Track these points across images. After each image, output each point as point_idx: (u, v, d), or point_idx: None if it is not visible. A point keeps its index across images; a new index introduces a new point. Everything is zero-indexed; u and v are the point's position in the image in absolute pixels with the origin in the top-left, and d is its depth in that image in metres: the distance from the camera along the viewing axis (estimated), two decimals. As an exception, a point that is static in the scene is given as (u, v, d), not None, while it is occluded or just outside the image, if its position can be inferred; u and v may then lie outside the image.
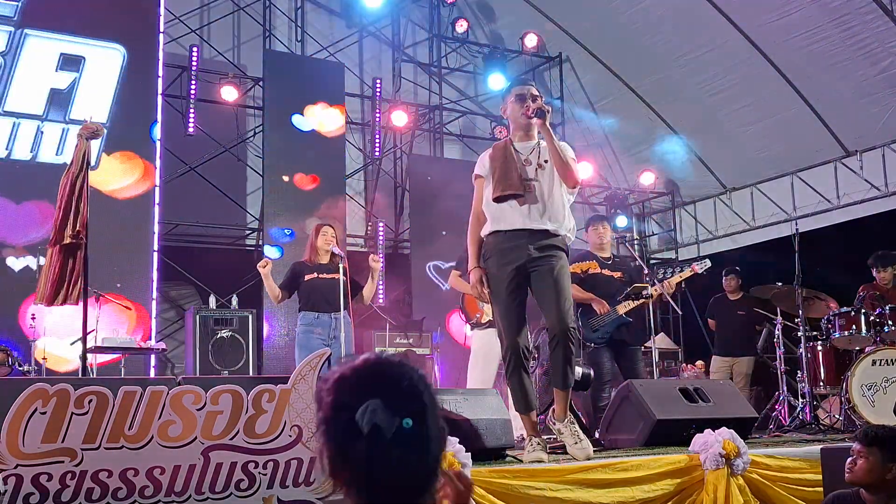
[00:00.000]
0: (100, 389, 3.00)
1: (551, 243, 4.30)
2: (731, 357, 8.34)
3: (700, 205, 12.39)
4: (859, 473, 3.15)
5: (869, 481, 3.13)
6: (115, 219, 8.00)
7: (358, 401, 1.39)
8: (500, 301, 4.29)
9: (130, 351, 7.36)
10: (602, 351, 6.04)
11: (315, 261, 6.32)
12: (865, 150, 10.18)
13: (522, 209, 4.29)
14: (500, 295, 4.29)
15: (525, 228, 4.27)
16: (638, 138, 11.98)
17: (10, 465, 2.84)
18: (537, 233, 4.28)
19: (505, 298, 4.27)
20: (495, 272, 4.31)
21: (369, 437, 1.37)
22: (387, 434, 1.37)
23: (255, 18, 10.34)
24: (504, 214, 4.31)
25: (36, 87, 8.13)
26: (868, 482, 3.14)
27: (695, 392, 4.95)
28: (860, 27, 9.15)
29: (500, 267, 4.29)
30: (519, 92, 4.48)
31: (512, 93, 4.53)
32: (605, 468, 3.81)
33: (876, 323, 6.22)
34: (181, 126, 9.36)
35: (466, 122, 12.11)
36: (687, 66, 10.59)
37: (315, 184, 9.62)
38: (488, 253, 4.37)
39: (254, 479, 3.13)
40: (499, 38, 11.95)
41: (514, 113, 4.48)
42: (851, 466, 3.18)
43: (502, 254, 4.29)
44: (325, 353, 3.44)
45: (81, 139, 5.12)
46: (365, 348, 9.29)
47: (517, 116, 4.45)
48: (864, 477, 3.14)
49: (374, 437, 1.37)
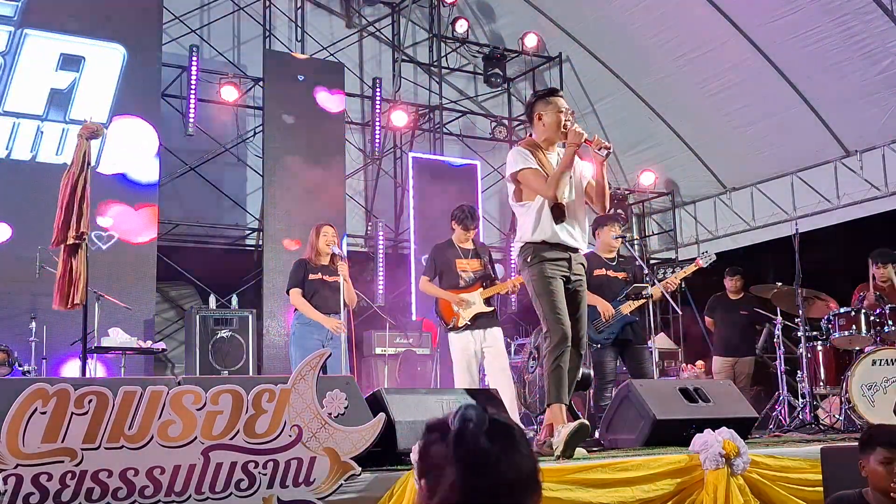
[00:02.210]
0: (100, 389, 3.00)
1: (582, 263, 4.58)
2: (733, 357, 8.34)
3: (700, 205, 12.39)
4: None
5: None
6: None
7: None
8: (552, 294, 4.39)
9: (130, 351, 7.36)
10: (606, 351, 6.05)
11: (317, 262, 6.24)
12: (865, 150, 10.17)
13: (563, 225, 4.45)
14: (552, 290, 4.39)
15: (566, 245, 4.46)
16: (638, 138, 11.98)
17: (10, 465, 2.84)
18: (574, 250, 4.51)
19: (556, 293, 4.39)
20: (545, 273, 4.41)
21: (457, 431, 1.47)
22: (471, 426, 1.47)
23: (255, 18, 10.34)
24: (547, 225, 4.42)
25: (36, 86, 8.13)
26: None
27: (695, 392, 4.95)
28: (860, 27, 9.14)
29: (549, 270, 4.42)
30: (561, 107, 4.50)
31: (552, 102, 4.53)
32: (604, 468, 3.81)
33: (876, 323, 6.22)
34: (181, 126, 9.37)
35: (466, 122, 12.11)
36: (687, 66, 10.59)
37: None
38: (536, 257, 4.45)
39: (254, 479, 3.13)
40: (499, 38, 11.96)
41: (551, 126, 4.50)
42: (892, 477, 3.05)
43: (552, 263, 4.43)
44: (326, 353, 3.44)
45: (81, 139, 5.13)
46: (365, 348, 9.29)
47: (553, 131, 4.50)
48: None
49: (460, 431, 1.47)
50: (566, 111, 4.51)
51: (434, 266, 6.15)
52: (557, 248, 4.45)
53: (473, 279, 6.07)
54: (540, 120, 4.54)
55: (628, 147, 12.15)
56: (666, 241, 12.90)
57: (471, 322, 5.97)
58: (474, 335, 6.00)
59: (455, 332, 6.01)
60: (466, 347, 5.98)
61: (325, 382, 3.37)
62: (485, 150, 11.96)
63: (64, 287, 5.04)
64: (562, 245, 4.45)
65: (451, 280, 6.07)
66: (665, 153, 12.02)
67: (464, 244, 6.19)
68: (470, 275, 6.08)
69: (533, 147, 4.54)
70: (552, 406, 4.36)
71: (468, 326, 5.98)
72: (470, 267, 6.11)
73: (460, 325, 5.97)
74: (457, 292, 6.03)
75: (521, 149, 4.54)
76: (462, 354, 5.99)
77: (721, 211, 12.08)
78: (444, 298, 6.05)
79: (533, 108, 4.59)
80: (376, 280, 10.18)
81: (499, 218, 12.11)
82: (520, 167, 4.45)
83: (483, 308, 6.02)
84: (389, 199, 11.43)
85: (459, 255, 6.12)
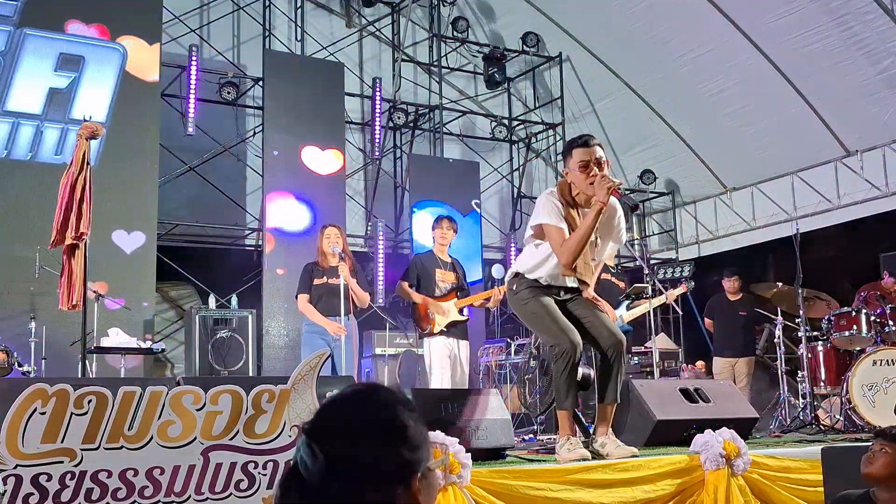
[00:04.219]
0: (99, 390, 2.99)
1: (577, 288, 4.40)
2: (733, 357, 8.34)
3: (700, 205, 12.39)
4: (879, 467, 3.13)
5: (888, 476, 3.12)
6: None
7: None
8: (546, 308, 4.21)
9: (130, 351, 7.35)
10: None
11: (324, 265, 6.44)
12: (866, 150, 10.17)
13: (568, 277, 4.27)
14: (545, 304, 4.21)
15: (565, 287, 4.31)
16: (638, 138, 11.98)
17: (10, 466, 2.84)
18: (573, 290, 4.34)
19: (549, 307, 4.22)
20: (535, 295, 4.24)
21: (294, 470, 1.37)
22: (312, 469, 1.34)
23: (255, 18, 10.34)
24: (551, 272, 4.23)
25: (35, 86, 8.11)
26: (887, 477, 3.13)
27: (695, 392, 4.96)
28: (860, 27, 9.15)
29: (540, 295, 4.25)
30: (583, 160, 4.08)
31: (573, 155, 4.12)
32: (605, 468, 3.81)
33: (876, 323, 6.21)
34: (181, 126, 9.36)
35: (466, 122, 12.11)
36: (687, 66, 10.59)
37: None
38: (524, 285, 4.27)
39: (254, 479, 3.12)
40: (499, 38, 11.95)
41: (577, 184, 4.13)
42: (870, 459, 3.16)
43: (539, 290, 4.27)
44: (326, 353, 3.44)
45: (81, 139, 5.13)
46: (365, 348, 9.29)
47: (584, 187, 4.10)
48: (884, 471, 3.13)
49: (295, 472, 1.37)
50: (592, 162, 4.05)
51: (415, 272, 6.53)
52: (553, 289, 4.28)
53: (449, 289, 6.49)
54: (567, 177, 4.19)
55: (628, 147, 12.15)
56: (666, 241, 12.90)
57: (445, 329, 6.36)
58: (449, 342, 6.38)
59: (430, 338, 6.39)
60: (442, 350, 6.35)
61: (325, 382, 3.37)
62: (485, 150, 11.96)
63: (64, 287, 5.06)
64: (559, 287, 4.29)
65: (429, 288, 6.45)
66: (665, 153, 12.02)
67: (443, 257, 6.61)
68: (447, 285, 6.51)
69: (565, 195, 4.19)
70: (560, 412, 4.30)
71: (443, 332, 6.35)
72: (447, 278, 6.53)
73: (435, 331, 6.34)
74: (433, 300, 6.42)
75: (551, 199, 4.18)
76: (441, 355, 6.34)
77: (721, 211, 12.08)
78: (421, 304, 6.41)
79: (564, 159, 4.26)
80: (376, 280, 10.18)
81: (499, 218, 12.11)
82: (544, 220, 4.15)
83: (458, 317, 6.43)
84: (389, 199, 11.43)
85: (439, 266, 6.55)
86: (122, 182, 8.17)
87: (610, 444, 4.16)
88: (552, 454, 4.23)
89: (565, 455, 4.03)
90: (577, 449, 4.06)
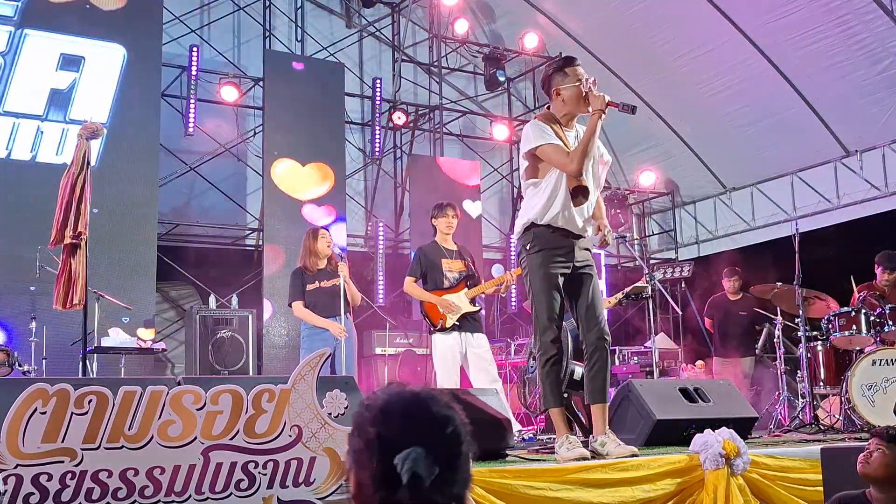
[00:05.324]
0: (100, 389, 3.00)
1: (588, 248, 4.29)
2: (732, 357, 8.33)
3: (700, 205, 12.40)
4: (875, 466, 3.14)
5: (884, 476, 3.13)
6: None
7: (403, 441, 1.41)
8: (549, 295, 4.17)
9: (130, 351, 7.36)
10: None
11: (313, 267, 6.23)
12: (865, 150, 10.18)
13: (579, 209, 4.17)
14: (546, 290, 4.17)
15: (573, 231, 4.20)
16: (638, 138, 11.98)
17: (10, 466, 2.84)
18: (580, 236, 4.24)
19: (549, 293, 4.18)
20: (544, 269, 4.17)
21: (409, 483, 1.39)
22: (425, 482, 1.39)
23: (255, 18, 10.34)
24: (559, 205, 4.13)
25: (36, 86, 8.12)
26: (883, 476, 3.13)
27: (695, 392, 4.96)
28: (860, 27, 9.15)
29: (549, 266, 4.18)
30: (580, 76, 4.17)
31: (569, 74, 4.20)
32: (604, 468, 3.81)
33: (876, 323, 6.21)
34: (181, 126, 9.37)
35: (466, 122, 12.11)
36: (687, 66, 10.59)
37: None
38: (537, 245, 4.19)
39: (254, 479, 3.13)
40: (499, 38, 11.95)
41: (571, 99, 4.18)
42: (866, 459, 3.17)
43: (553, 255, 4.18)
44: (326, 353, 3.44)
45: (81, 139, 5.14)
46: (365, 348, 9.29)
47: (573, 105, 4.18)
48: (880, 471, 3.13)
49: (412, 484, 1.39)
50: (585, 80, 4.16)
51: (419, 266, 6.17)
52: (561, 234, 4.18)
53: (458, 279, 6.12)
54: (559, 96, 4.21)
55: (628, 147, 12.15)
56: (666, 241, 12.91)
57: (458, 323, 6.00)
58: (460, 337, 6.03)
59: (441, 333, 6.03)
60: (451, 348, 5.99)
61: (325, 382, 3.37)
62: (485, 150, 11.96)
63: (63, 287, 5.05)
64: (567, 231, 4.19)
65: (437, 279, 6.10)
66: (665, 153, 12.02)
67: (448, 245, 6.23)
68: (455, 275, 6.12)
69: (551, 121, 4.19)
70: (551, 410, 4.32)
71: (455, 327, 6.00)
72: (454, 267, 6.15)
73: (448, 326, 5.98)
74: (442, 292, 6.06)
75: (539, 123, 4.18)
76: (447, 355, 5.99)
77: (721, 211, 12.08)
78: (428, 301, 6.07)
79: (550, 83, 4.25)
80: (376, 280, 10.18)
81: (499, 218, 12.11)
82: (538, 143, 4.11)
83: (469, 308, 6.06)
84: (389, 199, 11.44)
85: (445, 256, 6.16)
86: (122, 182, 8.18)
87: (610, 444, 4.16)
88: (552, 454, 4.24)
89: (565, 454, 4.04)
90: (577, 448, 4.06)
